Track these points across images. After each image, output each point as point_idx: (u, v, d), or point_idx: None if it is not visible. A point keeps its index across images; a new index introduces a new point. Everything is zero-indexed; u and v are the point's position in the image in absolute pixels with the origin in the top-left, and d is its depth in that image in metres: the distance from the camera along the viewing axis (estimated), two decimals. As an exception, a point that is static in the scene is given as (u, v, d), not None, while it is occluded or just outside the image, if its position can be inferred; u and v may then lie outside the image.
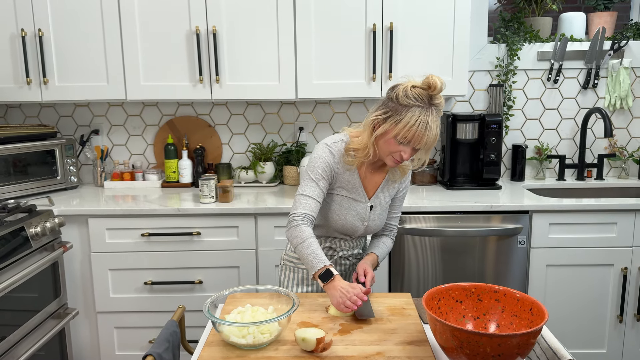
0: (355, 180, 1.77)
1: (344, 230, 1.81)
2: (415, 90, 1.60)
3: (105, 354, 2.70)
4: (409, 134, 1.59)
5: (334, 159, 1.74)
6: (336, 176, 1.77)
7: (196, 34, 2.69)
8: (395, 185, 1.86)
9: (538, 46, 3.06)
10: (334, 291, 1.57)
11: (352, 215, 1.78)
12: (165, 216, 2.57)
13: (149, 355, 1.36)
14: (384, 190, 1.83)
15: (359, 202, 1.79)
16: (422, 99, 1.59)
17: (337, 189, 1.78)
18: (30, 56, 2.74)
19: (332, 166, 1.74)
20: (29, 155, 2.82)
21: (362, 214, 1.79)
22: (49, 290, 2.48)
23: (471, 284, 1.43)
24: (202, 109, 3.16)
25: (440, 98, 1.62)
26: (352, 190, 1.78)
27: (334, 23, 2.69)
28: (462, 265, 2.61)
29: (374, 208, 1.81)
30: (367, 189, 1.80)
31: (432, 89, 1.58)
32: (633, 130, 3.14)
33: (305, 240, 1.66)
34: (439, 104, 1.62)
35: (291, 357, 1.30)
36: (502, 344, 1.17)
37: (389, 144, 1.65)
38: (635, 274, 2.60)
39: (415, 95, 1.59)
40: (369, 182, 1.81)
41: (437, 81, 1.58)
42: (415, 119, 1.58)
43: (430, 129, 1.60)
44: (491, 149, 2.90)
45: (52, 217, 2.49)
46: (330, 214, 1.79)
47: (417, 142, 1.61)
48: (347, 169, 1.76)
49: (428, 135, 1.60)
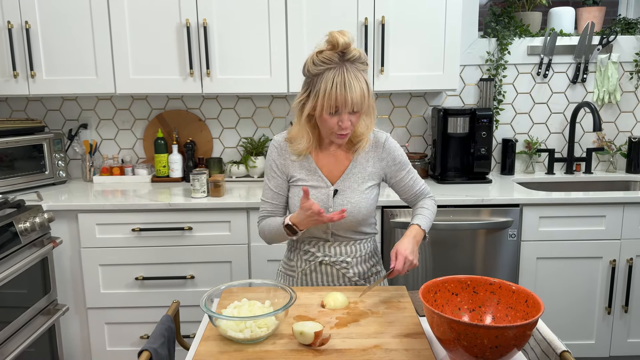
0: (310, 167, 1.69)
1: None
2: (322, 55, 1.52)
3: (96, 350, 2.68)
4: (330, 100, 1.50)
5: (278, 153, 1.71)
6: (287, 168, 1.71)
7: (186, 26, 2.66)
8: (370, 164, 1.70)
9: (528, 41, 3.08)
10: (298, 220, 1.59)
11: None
12: (156, 211, 2.55)
13: (145, 351, 1.35)
14: (355, 172, 1.69)
15: (319, 188, 1.68)
16: (331, 60, 1.51)
17: (294, 180, 1.71)
18: (17, 49, 2.69)
19: (276, 161, 1.71)
20: (16, 150, 2.78)
21: (324, 200, 1.67)
22: (39, 286, 2.45)
23: (467, 277, 1.43)
24: (192, 102, 3.13)
25: (353, 51, 1.52)
26: (309, 178, 1.69)
27: (325, 16, 2.68)
28: (453, 258, 2.62)
29: (339, 192, 1.68)
30: (331, 173, 1.69)
31: (337, 47, 1.50)
32: (621, 125, 3.18)
33: (264, 227, 1.73)
34: (352, 56, 1.52)
35: (289, 350, 1.30)
36: (499, 335, 1.17)
37: (324, 121, 1.56)
38: (623, 266, 2.64)
39: (324, 60, 1.51)
40: (333, 165, 1.70)
41: (336, 37, 1.50)
42: (331, 82, 1.49)
43: (350, 85, 1.49)
44: (482, 143, 2.92)
45: (41, 212, 2.45)
46: (292, 208, 1.71)
47: (343, 104, 1.51)
48: (298, 159, 1.69)
49: (351, 93, 1.49)
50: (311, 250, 1.74)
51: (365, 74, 1.56)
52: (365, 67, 1.56)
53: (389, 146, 1.72)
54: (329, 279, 1.76)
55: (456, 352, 1.25)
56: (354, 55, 1.53)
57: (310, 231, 1.72)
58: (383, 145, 1.72)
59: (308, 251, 1.75)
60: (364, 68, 1.56)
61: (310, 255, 1.75)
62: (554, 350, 1.36)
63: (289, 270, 1.82)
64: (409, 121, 3.16)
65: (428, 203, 1.79)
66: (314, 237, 1.74)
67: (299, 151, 1.68)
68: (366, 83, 1.54)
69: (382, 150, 1.71)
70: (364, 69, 1.55)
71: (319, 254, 1.74)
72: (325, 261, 1.74)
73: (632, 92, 3.14)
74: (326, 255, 1.74)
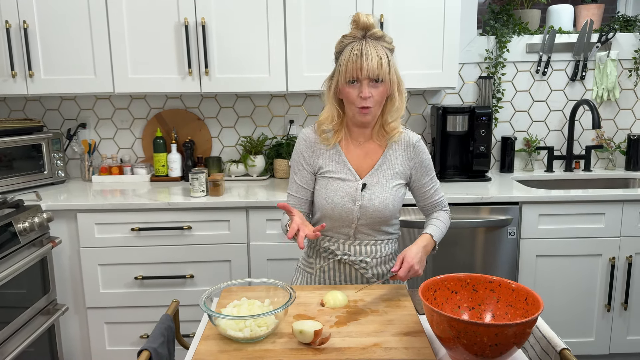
0: (339, 159, 1.68)
1: (337, 214, 1.66)
2: (347, 35, 1.59)
3: (96, 349, 2.68)
4: (348, 68, 1.54)
5: (306, 144, 1.71)
6: (315, 160, 1.69)
7: (185, 25, 2.66)
8: (399, 162, 1.69)
9: (527, 38, 3.08)
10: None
11: (340, 196, 1.65)
12: (155, 210, 2.55)
13: (144, 350, 1.35)
14: (384, 169, 1.68)
15: (348, 181, 1.66)
16: (353, 36, 1.57)
17: (322, 172, 1.69)
18: (15, 49, 2.69)
19: (304, 153, 1.70)
20: (14, 150, 2.78)
21: (352, 193, 1.65)
22: (38, 286, 2.45)
23: (466, 275, 1.43)
24: (190, 102, 3.13)
25: (376, 31, 1.56)
26: (338, 170, 1.67)
27: (324, 15, 2.67)
28: (453, 256, 2.62)
29: (368, 187, 1.66)
30: (360, 167, 1.68)
31: (359, 25, 1.56)
32: (620, 122, 3.18)
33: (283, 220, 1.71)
34: (374, 34, 1.56)
35: (288, 349, 1.29)
36: (499, 333, 1.17)
37: (346, 94, 1.59)
38: (622, 263, 2.64)
39: (347, 37, 1.58)
40: (363, 158, 1.69)
41: (360, 15, 1.56)
42: (348, 53, 1.54)
43: (367, 53, 1.52)
44: (481, 141, 2.92)
45: (40, 212, 2.45)
46: (319, 200, 1.69)
47: (359, 70, 1.53)
48: (327, 149, 1.68)
49: (367, 59, 1.52)
50: (331, 248, 1.72)
51: (388, 51, 1.58)
52: (390, 46, 1.59)
53: (420, 148, 1.72)
54: (346, 278, 1.74)
55: (456, 350, 1.25)
56: (377, 33, 1.57)
57: (334, 226, 1.70)
58: (414, 145, 1.71)
59: (328, 249, 1.73)
60: (387, 46, 1.58)
61: (330, 253, 1.73)
62: (553, 347, 1.36)
63: (308, 267, 1.80)
64: (407, 119, 3.16)
65: (443, 216, 1.79)
66: (337, 233, 1.72)
67: (330, 139, 1.68)
68: (387, 55, 1.56)
69: (413, 150, 1.71)
70: (388, 47, 1.58)
71: (339, 252, 1.71)
72: (344, 260, 1.71)
73: (631, 90, 3.14)
74: (345, 254, 1.71)
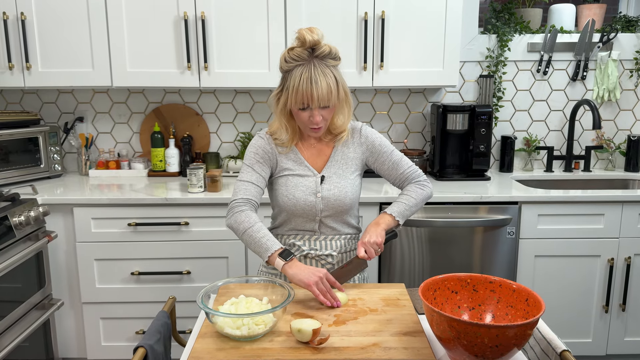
0: (296, 158, 1.71)
1: (301, 209, 1.68)
2: (293, 52, 1.56)
3: (91, 345, 2.66)
4: (298, 96, 1.54)
5: (266, 143, 1.71)
6: (276, 160, 1.71)
7: (184, 19, 2.63)
8: (350, 150, 1.73)
9: (528, 37, 3.06)
10: (298, 270, 1.51)
11: (301, 191, 1.68)
12: (152, 206, 2.53)
13: (140, 347, 1.34)
14: (338, 159, 1.72)
15: (307, 177, 1.70)
16: (300, 57, 1.55)
17: (281, 171, 1.71)
18: (12, 40, 2.66)
19: (264, 149, 1.71)
20: (10, 143, 2.75)
21: (312, 187, 1.69)
22: (33, 280, 2.43)
23: (467, 275, 1.42)
24: (189, 96, 3.10)
25: (322, 47, 1.55)
26: (296, 168, 1.71)
27: (325, 10, 2.65)
28: (451, 256, 2.61)
29: (326, 179, 1.70)
30: (316, 163, 1.72)
31: (305, 44, 1.54)
32: (620, 123, 3.17)
33: (254, 224, 1.60)
34: (321, 52, 1.55)
35: (287, 348, 1.28)
36: (500, 334, 1.16)
37: (297, 115, 1.61)
38: (621, 265, 2.63)
39: (294, 57, 1.55)
40: (317, 156, 1.73)
41: (304, 34, 1.54)
42: (298, 79, 1.53)
43: (316, 81, 1.52)
44: (481, 140, 2.90)
45: (36, 206, 2.43)
46: (279, 197, 1.70)
47: (309, 100, 1.54)
48: (284, 151, 1.71)
49: (317, 89, 1.53)
50: (297, 244, 1.73)
51: (335, 70, 1.59)
52: (336, 62, 1.60)
53: (365, 132, 1.76)
54: None
55: (456, 350, 1.24)
56: (324, 51, 1.56)
57: (298, 223, 1.72)
58: (360, 131, 1.76)
59: (294, 244, 1.74)
60: (334, 64, 1.59)
61: (296, 249, 1.73)
62: (553, 349, 1.35)
63: (272, 269, 1.77)
64: (407, 117, 3.14)
65: (411, 188, 1.77)
66: (301, 229, 1.74)
67: (283, 143, 1.71)
68: (335, 78, 1.57)
69: (360, 136, 1.75)
70: (334, 65, 1.59)
71: (305, 247, 1.73)
72: (311, 254, 1.73)
73: (632, 90, 3.13)
74: (312, 248, 1.73)
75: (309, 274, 1.50)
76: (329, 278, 1.54)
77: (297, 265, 1.53)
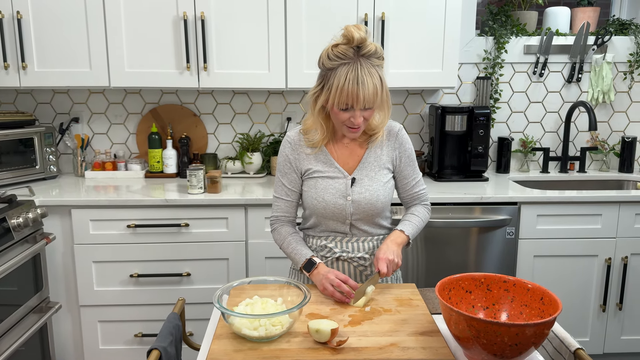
0: (326, 159, 1.68)
1: (330, 212, 1.66)
2: (337, 49, 1.50)
3: (89, 348, 2.62)
4: (342, 96, 1.49)
5: (291, 148, 1.70)
6: (301, 163, 1.69)
7: (183, 19, 2.61)
8: (384, 152, 1.70)
9: (524, 40, 3.09)
10: (315, 278, 1.61)
11: (331, 194, 1.65)
12: (152, 207, 2.50)
13: (154, 349, 1.32)
14: (370, 161, 1.69)
15: (337, 179, 1.66)
16: (345, 55, 1.49)
17: (309, 173, 1.69)
18: (7, 40, 2.61)
19: (289, 157, 1.70)
20: (5, 144, 2.70)
21: (342, 189, 1.65)
22: (31, 283, 2.38)
23: (481, 274, 1.43)
24: (187, 97, 3.08)
25: (368, 46, 1.50)
26: (326, 169, 1.67)
27: (325, 11, 2.65)
28: (450, 256, 2.62)
29: (357, 181, 1.66)
30: (347, 164, 1.68)
31: (352, 41, 1.49)
32: (614, 124, 3.21)
33: (284, 240, 1.72)
34: (367, 52, 1.50)
35: (305, 349, 1.27)
36: (519, 333, 1.16)
37: (336, 115, 1.56)
38: (618, 264, 2.67)
39: (338, 54, 1.50)
40: (348, 156, 1.69)
41: (352, 31, 1.48)
42: (343, 78, 1.48)
43: (363, 82, 1.48)
44: (479, 141, 2.92)
45: (33, 207, 2.39)
46: (308, 200, 1.68)
47: (354, 101, 1.50)
48: (313, 151, 1.68)
49: (363, 90, 1.48)
50: (329, 246, 1.71)
51: (380, 70, 1.53)
52: (381, 62, 1.54)
53: (402, 137, 1.72)
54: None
55: (474, 350, 1.24)
56: (370, 50, 1.51)
57: (329, 225, 1.70)
58: (396, 134, 1.71)
59: (325, 246, 1.72)
60: (379, 63, 1.53)
61: (328, 251, 1.72)
62: (567, 347, 1.36)
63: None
64: (405, 118, 3.15)
65: (420, 210, 1.78)
66: (333, 231, 1.71)
67: (314, 143, 1.67)
68: (380, 79, 1.52)
69: (395, 139, 1.71)
70: (379, 64, 1.53)
71: (337, 249, 1.71)
72: (343, 257, 1.71)
73: (626, 92, 3.17)
74: (344, 251, 1.71)
75: (319, 281, 1.60)
76: (337, 275, 1.57)
77: (314, 274, 1.63)
